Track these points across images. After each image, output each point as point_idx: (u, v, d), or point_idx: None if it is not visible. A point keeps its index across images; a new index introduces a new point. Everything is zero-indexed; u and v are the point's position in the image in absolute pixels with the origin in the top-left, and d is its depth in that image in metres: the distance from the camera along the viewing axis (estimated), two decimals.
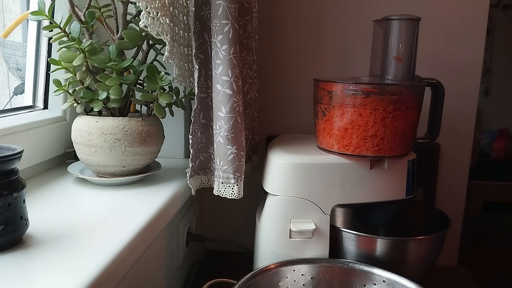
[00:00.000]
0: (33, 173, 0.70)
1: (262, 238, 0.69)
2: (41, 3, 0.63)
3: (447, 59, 0.90)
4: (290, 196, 0.66)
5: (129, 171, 0.67)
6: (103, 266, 0.42)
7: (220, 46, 0.64)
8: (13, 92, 0.84)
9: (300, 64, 0.94)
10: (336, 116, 0.65)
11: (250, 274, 0.59)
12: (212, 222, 1.02)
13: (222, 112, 0.65)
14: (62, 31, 0.65)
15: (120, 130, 0.64)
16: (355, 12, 0.90)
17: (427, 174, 0.93)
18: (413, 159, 0.70)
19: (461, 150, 0.94)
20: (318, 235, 0.66)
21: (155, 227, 0.57)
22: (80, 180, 0.69)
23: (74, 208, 0.58)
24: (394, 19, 0.69)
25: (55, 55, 0.67)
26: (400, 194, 0.69)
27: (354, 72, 0.91)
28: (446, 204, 0.94)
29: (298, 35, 0.93)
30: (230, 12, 0.63)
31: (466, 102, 0.91)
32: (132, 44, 0.67)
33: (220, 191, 0.68)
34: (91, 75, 0.67)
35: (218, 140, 0.66)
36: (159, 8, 0.59)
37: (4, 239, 0.43)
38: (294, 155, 0.68)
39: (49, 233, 0.49)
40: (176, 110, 0.74)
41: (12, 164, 0.43)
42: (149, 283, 0.67)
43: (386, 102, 0.62)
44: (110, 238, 0.48)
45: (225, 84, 0.64)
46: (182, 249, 0.80)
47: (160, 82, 0.65)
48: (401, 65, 0.70)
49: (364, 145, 0.64)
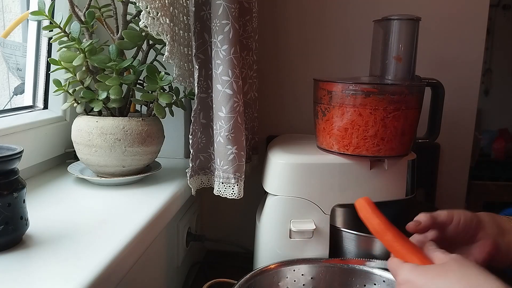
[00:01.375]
0: (33, 173, 0.70)
1: (262, 238, 0.69)
2: (41, 3, 0.63)
3: (447, 59, 0.90)
4: (290, 196, 0.66)
5: (129, 171, 0.67)
6: (103, 266, 0.42)
7: (220, 46, 0.64)
8: (13, 92, 0.84)
9: (300, 64, 0.94)
10: (336, 116, 0.65)
11: (251, 274, 0.59)
12: (212, 222, 1.02)
13: (222, 112, 0.65)
14: (62, 31, 0.65)
15: (120, 130, 0.64)
16: (355, 12, 0.90)
17: (427, 174, 0.93)
18: (413, 159, 0.70)
19: (461, 150, 0.94)
20: (318, 235, 0.66)
21: (155, 227, 0.57)
22: (80, 180, 0.69)
23: (74, 208, 0.58)
24: (394, 19, 0.69)
25: (55, 55, 0.67)
26: (400, 194, 0.69)
27: (354, 72, 0.91)
28: (446, 204, 0.94)
29: (298, 35, 0.93)
30: (230, 12, 0.63)
31: (466, 102, 0.91)
32: (132, 44, 0.67)
33: (221, 191, 0.68)
34: (91, 75, 0.67)
35: (219, 140, 0.66)
36: (159, 8, 0.59)
37: (4, 239, 0.43)
38: (294, 155, 0.67)
39: (49, 233, 0.49)
40: (176, 110, 0.74)
41: (12, 164, 0.43)
42: (149, 283, 0.67)
43: (386, 102, 0.62)
44: (110, 238, 0.48)
45: (226, 84, 0.64)
46: (182, 249, 0.80)
47: (160, 82, 0.65)
48: (401, 65, 0.70)
49: (364, 145, 0.64)
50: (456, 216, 0.51)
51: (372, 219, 0.49)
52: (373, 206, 0.50)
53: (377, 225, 0.48)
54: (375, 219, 0.49)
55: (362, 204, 0.51)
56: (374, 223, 0.49)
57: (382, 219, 0.49)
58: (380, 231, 0.48)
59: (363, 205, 0.50)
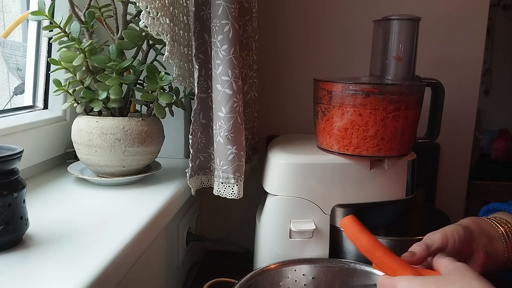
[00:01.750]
0: (33, 173, 0.70)
1: (262, 238, 0.69)
2: (41, 3, 0.63)
3: (447, 59, 0.90)
4: (290, 196, 0.66)
5: (129, 171, 0.67)
6: (103, 266, 0.42)
7: (220, 46, 0.64)
8: (13, 92, 0.84)
9: (300, 64, 0.94)
10: (336, 116, 0.65)
11: (251, 274, 0.59)
12: (212, 222, 1.02)
13: (222, 112, 0.65)
14: (62, 31, 0.65)
15: (120, 130, 0.64)
16: (355, 12, 0.90)
17: (427, 174, 0.93)
18: (413, 159, 0.70)
19: (461, 150, 0.94)
20: (318, 235, 0.66)
21: (155, 227, 0.57)
22: (80, 180, 0.69)
23: (74, 208, 0.58)
24: (394, 19, 0.69)
25: (55, 55, 0.67)
26: (400, 194, 0.69)
27: (354, 72, 0.91)
28: (446, 204, 0.94)
29: (298, 35, 0.93)
30: (230, 12, 0.63)
31: (466, 102, 0.91)
32: (132, 44, 0.67)
33: (220, 191, 0.68)
34: (91, 75, 0.67)
35: (218, 140, 0.66)
36: (159, 8, 0.59)
37: (4, 239, 0.43)
38: (294, 155, 0.67)
39: (49, 233, 0.49)
40: (176, 110, 0.74)
41: (12, 164, 0.43)
42: (149, 283, 0.67)
43: (386, 102, 0.62)
44: (110, 238, 0.48)
45: (225, 84, 0.64)
46: (182, 249, 0.80)
47: (160, 82, 0.65)
48: (401, 65, 0.70)
49: (364, 145, 0.64)
50: (450, 238, 0.50)
51: (361, 237, 0.48)
52: (359, 224, 0.50)
53: (366, 243, 0.48)
54: (364, 237, 0.48)
55: (348, 223, 0.50)
56: (364, 241, 0.48)
57: (370, 236, 0.48)
58: (370, 248, 0.48)
59: (349, 224, 0.50)
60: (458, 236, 0.50)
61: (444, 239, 0.49)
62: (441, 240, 0.49)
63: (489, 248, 0.52)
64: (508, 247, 0.53)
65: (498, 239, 0.53)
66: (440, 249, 0.49)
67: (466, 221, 0.54)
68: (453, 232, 0.50)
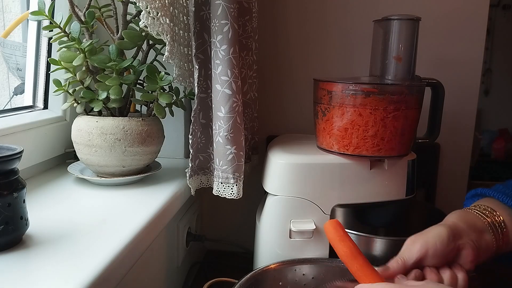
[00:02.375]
0: (33, 173, 0.70)
1: (262, 238, 0.69)
2: (41, 3, 0.63)
3: (447, 59, 0.90)
4: (290, 196, 0.66)
5: (129, 171, 0.67)
6: (103, 266, 0.42)
7: (219, 46, 0.64)
8: (13, 92, 0.84)
9: (300, 64, 0.94)
10: (336, 116, 0.65)
11: (251, 274, 0.59)
12: (212, 222, 1.02)
13: (221, 112, 0.65)
14: (62, 31, 0.65)
15: (120, 130, 0.64)
16: (355, 12, 0.90)
17: (427, 174, 0.93)
18: (413, 159, 0.70)
19: (461, 150, 0.94)
20: (318, 235, 0.66)
21: (155, 227, 0.57)
22: (80, 180, 0.69)
23: (74, 208, 0.58)
24: (394, 19, 0.69)
25: (55, 55, 0.67)
26: (400, 194, 0.69)
27: (354, 72, 0.91)
28: (446, 204, 0.94)
29: (298, 35, 0.93)
30: (229, 12, 0.63)
31: (466, 102, 0.91)
32: (132, 44, 0.67)
33: (220, 191, 0.68)
34: (91, 75, 0.67)
35: (218, 140, 0.66)
36: (159, 8, 0.59)
37: (4, 239, 0.43)
38: (294, 155, 0.67)
39: (49, 233, 0.49)
40: (176, 110, 0.74)
41: (12, 164, 0.43)
42: (149, 283, 0.67)
43: (386, 102, 0.62)
44: (110, 238, 0.48)
45: (225, 84, 0.64)
46: (182, 249, 0.80)
47: (160, 82, 0.65)
48: (401, 65, 0.70)
49: (364, 145, 0.64)
50: (431, 247, 0.50)
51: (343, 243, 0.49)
52: (343, 229, 0.51)
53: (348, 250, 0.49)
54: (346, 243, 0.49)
55: (332, 227, 0.51)
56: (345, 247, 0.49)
57: (352, 244, 0.49)
58: (351, 256, 0.49)
59: (333, 228, 0.51)
60: (441, 242, 0.51)
61: (422, 250, 0.51)
62: (419, 253, 0.51)
63: (478, 242, 0.52)
64: (496, 237, 0.53)
65: (486, 231, 0.53)
66: (420, 261, 0.51)
67: (452, 218, 0.55)
68: (434, 239, 0.51)
